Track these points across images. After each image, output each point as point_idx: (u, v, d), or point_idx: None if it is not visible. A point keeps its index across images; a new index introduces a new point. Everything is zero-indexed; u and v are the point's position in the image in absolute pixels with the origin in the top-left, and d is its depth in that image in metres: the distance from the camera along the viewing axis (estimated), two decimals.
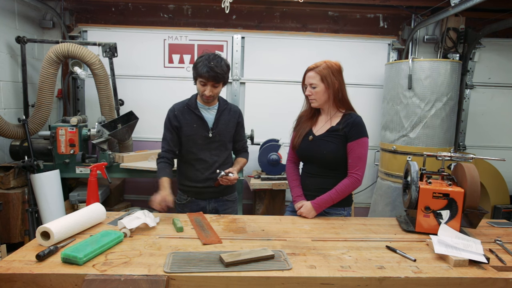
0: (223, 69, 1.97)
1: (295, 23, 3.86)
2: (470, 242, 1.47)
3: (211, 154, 2.10)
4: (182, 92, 3.80)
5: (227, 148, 2.17)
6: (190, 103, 2.11)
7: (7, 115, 3.15)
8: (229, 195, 2.21)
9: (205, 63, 1.93)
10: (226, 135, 2.13)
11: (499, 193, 3.62)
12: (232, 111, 2.17)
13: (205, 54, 1.99)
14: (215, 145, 2.10)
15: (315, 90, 1.89)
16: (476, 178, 1.63)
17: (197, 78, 1.98)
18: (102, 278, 1.17)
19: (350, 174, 1.88)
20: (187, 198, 2.17)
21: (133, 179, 3.93)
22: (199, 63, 1.96)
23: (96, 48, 3.39)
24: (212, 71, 1.92)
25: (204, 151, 2.09)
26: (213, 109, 2.12)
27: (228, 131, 2.13)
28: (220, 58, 2.00)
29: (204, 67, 1.92)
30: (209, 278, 1.21)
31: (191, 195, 2.15)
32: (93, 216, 1.64)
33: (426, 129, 3.22)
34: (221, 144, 2.12)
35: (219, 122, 2.10)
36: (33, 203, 2.93)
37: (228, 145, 2.17)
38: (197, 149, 2.08)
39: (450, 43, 3.66)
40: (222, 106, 2.14)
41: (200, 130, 2.07)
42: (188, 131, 2.08)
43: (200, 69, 1.93)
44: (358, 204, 3.97)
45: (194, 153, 2.09)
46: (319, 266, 1.30)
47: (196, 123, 2.07)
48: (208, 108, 2.10)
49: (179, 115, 2.09)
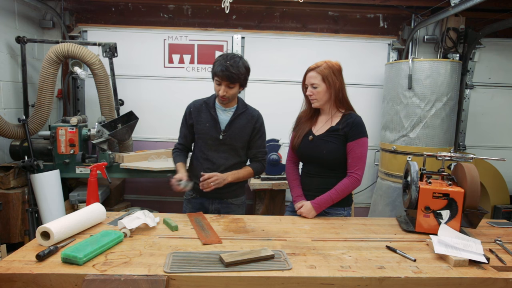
0: (240, 70, 1.90)
1: (295, 23, 3.86)
2: (470, 242, 1.47)
3: (219, 156, 2.04)
4: (182, 92, 3.83)
5: (238, 154, 2.07)
6: (208, 101, 2.08)
7: (7, 115, 3.15)
8: (235, 198, 2.13)
9: (221, 62, 1.89)
10: (238, 140, 2.03)
11: (499, 193, 3.62)
12: (250, 116, 2.06)
13: (225, 53, 1.96)
14: (225, 148, 2.04)
15: (317, 90, 1.89)
16: (476, 178, 1.63)
17: (213, 76, 1.95)
18: (102, 278, 1.17)
19: (350, 174, 1.88)
20: (192, 194, 2.14)
21: (133, 179, 3.93)
22: (216, 62, 1.93)
23: (96, 48, 3.39)
24: (227, 70, 1.86)
25: (212, 152, 2.05)
26: (230, 111, 2.05)
27: (241, 136, 2.04)
28: (239, 58, 1.93)
29: (219, 65, 1.88)
30: (209, 278, 1.21)
31: (196, 192, 2.12)
32: (93, 216, 1.64)
33: (426, 129, 3.22)
34: (231, 148, 2.04)
35: (232, 125, 2.03)
36: (33, 203, 2.93)
37: (239, 151, 2.07)
38: (206, 148, 2.06)
39: (450, 43, 3.66)
40: (241, 109, 2.05)
41: (212, 130, 2.03)
42: (200, 129, 2.06)
43: (216, 67, 1.91)
44: (358, 204, 3.97)
45: (203, 152, 2.07)
46: (319, 266, 1.30)
47: (209, 123, 2.03)
48: (225, 109, 2.04)
49: (194, 112, 2.08)
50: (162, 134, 3.84)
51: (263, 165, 2.15)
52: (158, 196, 3.96)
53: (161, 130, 3.84)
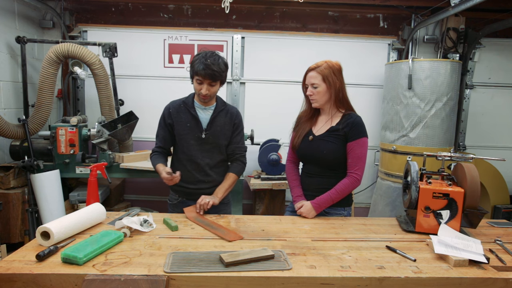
0: (221, 67, 1.89)
1: (295, 23, 3.86)
2: (470, 242, 1.47)
3: (202, 156, 2.03)
4: (182, 92, 3.75)
5: (221, 152, 2.07)
6: (187, 101, 2.05)
7: (7, 115, 3.15)
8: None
9: (201, 61, 1.86)
10: (220, 137, 2.04)
11: (499, 193, 3.62)
12: (230, 113, 2.07)
13: (202, 52, 1.92)
14: (208, 146, 2.03)
15: (317, 90, 1.89)
16: (476, 178, 1.63)
17: (193, 76, 1.91)
18: (102, 278, 1.17)
19: (350, 174, 1.88)
20: (178, 198, 2.13)
21: (133, 179, 3.93)
22: (196, 61, 1.89)
23: (96, 48, 3.39)
24: (208, 68, 1.84)
25: (196, 152, 2.03)
26: (210, 109, 2.04)
27: (223, 133, 2.04)
28: (218, 56, 1.91)
29: (200, 64, 1.85)
30: (209, 278, 1.21)
31: (182, 196, 2.11)
32: (93, 216, 1.64)
33: (426, 129, 3.22)
34: (214, 146, 2.04)
35: (214, 123, 2.03)
36: (33, 203, 2.93)
37: (222, 149, 2.07)
38: (189, 149, 2.03)
39: (450, 43, 3.66)
40: (220, 107, 2.05)
41: (193, 130, 2.01)
42: (181, 130, 2.03)
43: (197, 66, 1.86)
44: (358, 204, 3.98)
45: (186, 153, 2.04)
46: (319, 266, 1.30)
47: (190, 123, 2.02)
48: (204, 108, 2.03)
49: (174, 113, 2.04)
50: None
51: (243, 163, 2.14)
52: (158, 196, 3.96)
53: None
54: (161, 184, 3.91)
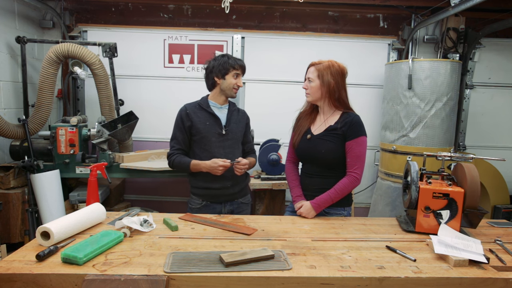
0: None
1: (295, 23, 3.86)
2: (470, 242, 1.47)
3: (225, 151, 2.12)
4: (182, 92, 3.83)
5: (239, 148, 2.21)
6: (201, 102, 2.17)
7: (7, 115, 3.15)
8: (244, 197, 2.25)
9: (231, 58, 2.09)
10: (237, 133, 2.19)
11: (499, 193, 3.62)
12: (241, 112, 2.27)
13: (218, 54, 2.13)
14: (229, 142, 2.14)
15: (310, 84, 1.93)
16: (476, 178, 1.63)
17: (230, 71, 2.07)
18: (102, 278, 1.17)
19: (349, 173, 1.89)
20: (201, 203, 2.14)
21: (133, 179, 3.93)
22: (225, 60, 2.08)
23: (96, 48, 3.39)
24: (242, 62, 2.11)
25: (217, 148, 2.11)
26: (225, 108, 2.20)
27: (239, 130, 2.20)
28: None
29: (234, 60, 2.08)
30: (209, 278, 1.21)
31: (206, 199, 2.13)
32: (93, 216, 1.64)
33: (426, 129, 3.22)
34: (234, 142, 2.16)
35: (231, 120, 2.17)
36: (33, 203, 2.93)
37: (239, 145, 2.22)
38: (210, 146, 2.10)
39: (450, 43, 3.66)
40: (232, 106, 2.23)
41: (214, 127, 2.11)
42: (201, 128, 2.10)
43: (233, 62, 2.06)
44: (358, 204, 3.97)
45: (208, 150, 2.10)
46: (319, 266, 1.30)
47: (209, 121, 2.11)
48: (220, 107, 2.17)
49: (191, 114, 2.11)
50: (162, 134, 3.83)
51: (256, 157, 2.35)
52: (158, 196, 3.96)
53: (161, 130, 3.83)
54: (161, 184, 3.92)
